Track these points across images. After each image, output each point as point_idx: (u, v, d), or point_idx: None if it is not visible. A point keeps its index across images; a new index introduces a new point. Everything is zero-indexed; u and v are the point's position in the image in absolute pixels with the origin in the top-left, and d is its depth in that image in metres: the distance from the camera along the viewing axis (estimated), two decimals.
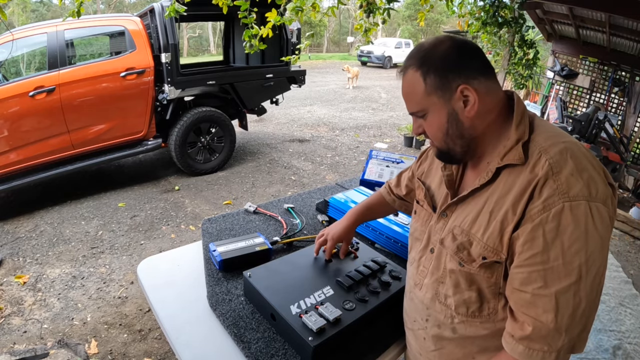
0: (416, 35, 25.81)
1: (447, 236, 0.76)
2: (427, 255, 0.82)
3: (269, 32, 2.53)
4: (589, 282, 0.59)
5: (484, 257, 0.69)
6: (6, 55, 3.27)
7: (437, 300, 0.78)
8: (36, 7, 22.82)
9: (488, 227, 0.68)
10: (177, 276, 1.13)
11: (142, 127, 3.87)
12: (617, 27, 4.16)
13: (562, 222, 0.59)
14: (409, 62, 0.73)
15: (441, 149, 0.76)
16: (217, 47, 24.20)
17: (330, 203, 1.47)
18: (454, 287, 0.74)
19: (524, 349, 0.63)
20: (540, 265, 0.61)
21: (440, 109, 0.71)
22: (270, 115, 6.98)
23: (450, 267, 0.75)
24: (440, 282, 0.78)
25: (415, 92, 0.71)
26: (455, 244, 0.73)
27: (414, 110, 0.74)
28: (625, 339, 2.17)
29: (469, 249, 0.71)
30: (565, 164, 0.62)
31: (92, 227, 3.17)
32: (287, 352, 0.85)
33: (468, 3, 3.90)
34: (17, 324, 2.12)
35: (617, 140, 4.20)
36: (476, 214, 0.72)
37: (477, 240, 0.70)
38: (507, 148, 0.68)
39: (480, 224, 0.70)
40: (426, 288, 0.81)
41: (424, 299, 0.81)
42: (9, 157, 3.19)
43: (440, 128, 0.72)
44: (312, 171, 4.62)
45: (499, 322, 0.71)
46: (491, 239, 0.68)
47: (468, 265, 0.71)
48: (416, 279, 0.85)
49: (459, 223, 0.74)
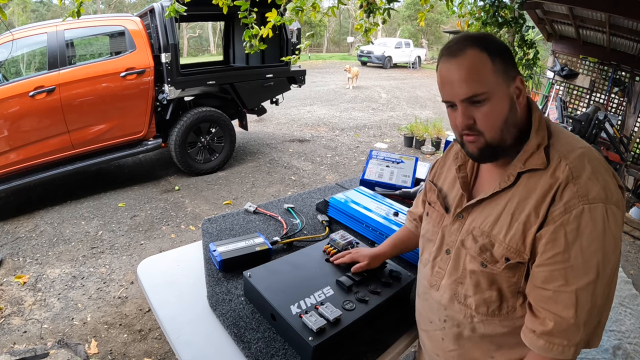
0: (416, 35, 25.79)
1: (467, 238, 0.76)
2: (443, 257, 0.83)
3: (269, 32, 2.53)
4: (605, 280, 0.63)
5: (507, 258, 0.70)
6: (6, 55, 3.27)
7: (455, 301, 0.79)
8: (36, 7, 22.81)
9: (510, 229, 0.70)
10: (177, 276, 1.13)
11: (142, 127, 3.87)
12: (617, 27, 4.16)
13: (581, 224, 0.62)
14: (464, 44, 0.68)
15: (492, 140, 0.70)
16: (217, 47, 24.19)
17: (330, 203, 1.47)
18: (474, 287, 0.75)
19: (544, 343, 0.65)
20: (561, 264, 0.63)
21: (504, 94, 0.68)
22: (270, 115, 6.98)
23: (471, 268, 0.75)
24: (459, 282, 0.78)
25: (482, 71, 0.67)
26: (478, 246, 0.74)
27: (478, 91, 0.67)
28: (625, 339, 2.17)
29: (491, 250, 0.72)
30: (583, 169, 0.65)
31: (92, 227, 3.16)
32: (287, 352, 0.85)
33: (468, 3, 3.90)
34: (17, 324, 2.12)
35: (617, 140, 4.19)
36: (496, 216, 0.72)
37: (499, 242, 0.71)
38: (529, 153, 0.70)
39: (502, 225, 0.71)
40: (444, 289, 0.81)
41: (442, 300, 0.82)
42: (9, 157, 3.19)
43: (500, 115, 0.69)
44: (312, 171, 4.62)
45: (517, 319, 0.73)
46: (514, 240, 0.69)
47: (491, 266, 0.72)
48: (432, 280, 0.85)
49: (479, 225, 0.75)
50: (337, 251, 1.11)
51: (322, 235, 1.35)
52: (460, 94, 0.68)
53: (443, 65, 0.71)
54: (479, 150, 0.72)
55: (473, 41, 0.68)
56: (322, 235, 1.34)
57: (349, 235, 1.18)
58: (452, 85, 0.69)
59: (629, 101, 4.76)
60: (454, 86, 0.69)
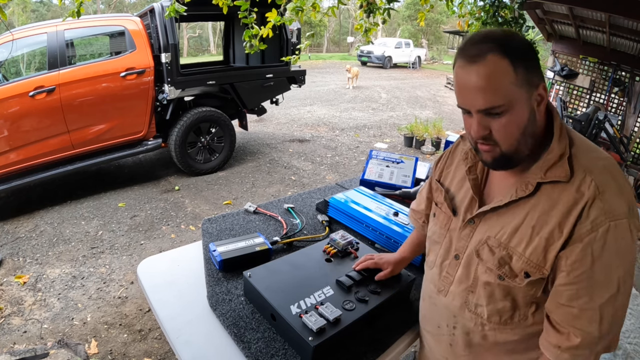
0: (416, 35, 25.78)
1: (483, 248, 0.73)
2: (451, 262, 0.80)
3: (269, 32, 2.53)
4: (626, 292, 0.63)
5: (527, 272, 0.68)
6: (6, 55, 3.27)
7: (466, 309, 0.77)
8: (36, 7, 22.82)
9: (530, 243, 0.67)
10: (177, 276, 1.13)
11: (142, 127, 3.87)
12: (617, 27, 4.16)
13: (607, 241, 0.62)
14: (485, 47, 0.62)
15: (508, 151, 0.67)
16: (217, 47, 24.20)
17: (330, 203, 1.47)
18: (488, 297, 0.74)
19: (569, 356, 0.66)
20: (586, 282, 0.63)
21: (524, 104, 0.64)
22: (270, 115, 6.98)
23: (486, 279, 0.73)
24: (470, 291, 0.76)
25: (502, 82, 0.61)
26: (496, 259, 0.71)
27: (496, 103, 0.62)
28: (625, 339, 2.17)
29: (509, 263, 0.70)
30: (608, 185, 0.64)
31: (92, 227, 3.16)
32: (287, 352, 0.85)
33: (468, 3, 3.91)
34: (17, 324, 2.12)
35: (617, 140, 4.19)
36: (515, 227, 0.69)
37: (518, 255, 0.69)
38: (550, 163, 0.67)
39: (521, 238, 0.68)
40: (453, 295, 0.80)
41: (451, 306, 0.80)
42: (9, 157, 3.19)
43: (519, 126, 0.65)
44: (312, 171, 4.62)
45: (529, 327, 0.73)
46: (534, 254, 0.67)
47: (510, 280, 0.70)
48: (439, 285, 0.83)
49: (494, 234, 0.72)
50: (337, 251, 1.11)
51: (322, 235, 1.35)
52: (477, 105, 0.64)
53: (460, 70, 0.65)
54: (494, 160, 0.69)
55: (494, 44, 0.62)
56: (322, 235, 1.34)
57: (349, 235, 1.18)
58: (469, 93, 0.64)
59: (629, 101, 4.76)
60: (471, 95, 0.64)
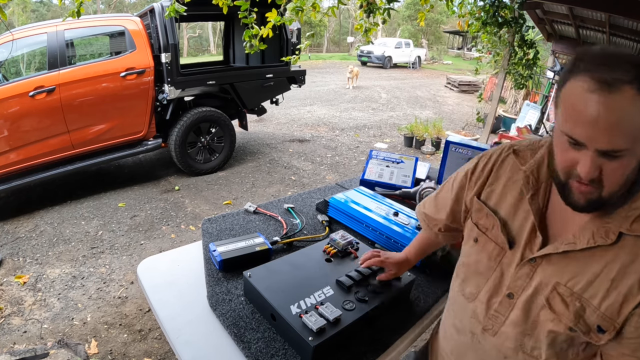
0: (416, 35, 25.78)
1: (553, 297, 0.67)
2: (503, 300, 0.74)
3: (269, 32, 2.53)
4: None
5: (600, 327, 0.64)
6: (6, 55, 3.27)
7: (520, 351, 0.73)
8: (36, 7, 22.82)
9: (607, 296, 0.63)
10: (177, 276, 1.13)
11: (142, 127, 3.87)
12: (617, 27, 4.16)
13: None
14: (622, 75, 0.52)
15: (607, 196, 0.60)
16: (217, 47, 24.20)
17: (330, 203, 1.47)
18: (549, 344, 0.69)
19: None
20: None
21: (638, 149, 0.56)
22: (270, 115, 6.98)
23: (552, 328, 0.68)
24: (526, 334, 0.72)
25: (632, 123, 0.53)
26: (571, 312, 0.66)
27: (621, 147, 0.54)
28: None
29: (583, 317, 0.65)
30: None
31: (92, 227, 3.17)
32: (287, 352, 0.85)
33: (468, 3, 3.91)
34: (17, 324, 2.12)
35: None
36: (592, 277, 0.64)
37: (592, 308, 0.64)
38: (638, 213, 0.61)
39: (597, 290, 0.63)
40: (505, 337, 0.74)
41: (502, 348, 0.75)
42: (9, 157, 3.19)
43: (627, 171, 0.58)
44: (312, 171, 4.62)
45: None
46: (610, 309, 0.63)
47: (584, 335, 0.65)
48: (486, 324, 0.76)
49: (565, 282, 0.66)
50: (337, 251, 1.11)
51: (322, 235, 1.35)
52: (599, 144, 0.55)
53: (587, 95, 0.54)
54: (588, 202, 0.61)
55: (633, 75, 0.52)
56: (322, 235, 1.34)
57: (349, 235, 1.17)
58: (591, 127, 0.55)
59: None
60: (595, 130, 0.55)
